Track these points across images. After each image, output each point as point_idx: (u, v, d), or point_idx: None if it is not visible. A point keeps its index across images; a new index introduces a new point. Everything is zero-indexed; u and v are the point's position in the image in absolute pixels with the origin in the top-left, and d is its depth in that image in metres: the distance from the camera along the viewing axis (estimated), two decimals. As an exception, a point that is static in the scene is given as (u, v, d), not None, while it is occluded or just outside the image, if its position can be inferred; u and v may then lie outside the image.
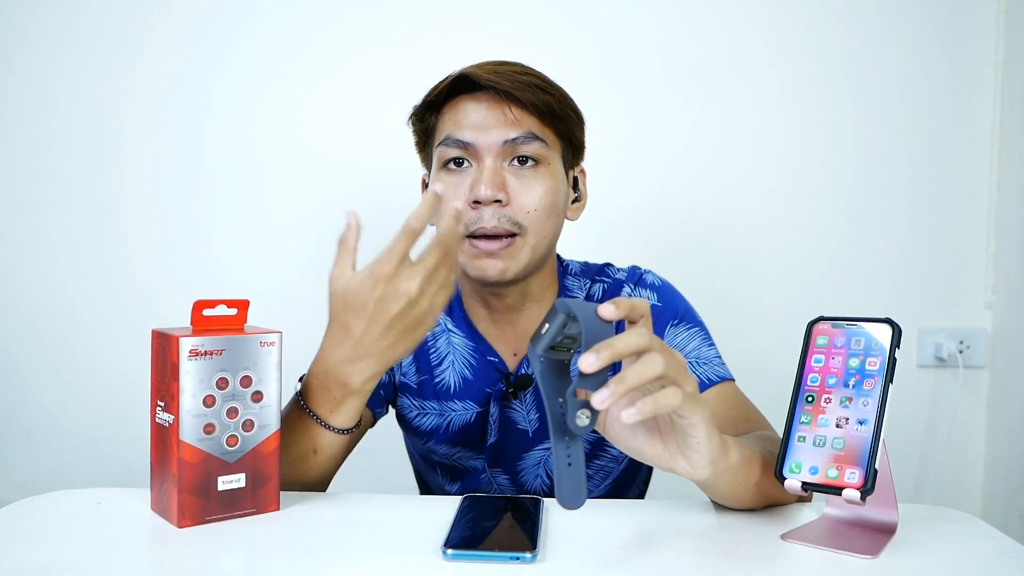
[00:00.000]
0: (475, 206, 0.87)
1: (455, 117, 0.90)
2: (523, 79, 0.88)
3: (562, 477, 0.59)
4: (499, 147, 0.88)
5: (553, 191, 0.90)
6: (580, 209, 1.00)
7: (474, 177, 0.88)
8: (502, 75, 0.88)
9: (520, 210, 0.88)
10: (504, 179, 0.88)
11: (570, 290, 1.00)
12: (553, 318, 0.59)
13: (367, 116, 1.56)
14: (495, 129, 0.88)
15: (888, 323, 0.67)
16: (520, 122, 0.88)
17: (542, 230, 0.90)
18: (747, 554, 0.65)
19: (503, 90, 0.87)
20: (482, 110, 0.89)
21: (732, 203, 1.60)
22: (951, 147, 1.59)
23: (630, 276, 1.01)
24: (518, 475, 1.00)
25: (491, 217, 0.87)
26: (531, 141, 0.88)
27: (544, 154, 0.90)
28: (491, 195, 0.86)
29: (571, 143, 0.95)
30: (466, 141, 0.88)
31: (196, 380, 0.68)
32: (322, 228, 1.59)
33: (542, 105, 0.88)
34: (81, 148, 1.57)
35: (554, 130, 0.91)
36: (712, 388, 0.91)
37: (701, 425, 0.59)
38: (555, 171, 0.91)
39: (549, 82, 0.92)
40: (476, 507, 0.74)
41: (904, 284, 1.61)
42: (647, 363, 0.56)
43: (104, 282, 1.58)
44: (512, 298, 0.95)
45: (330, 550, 0.65)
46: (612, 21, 1.57)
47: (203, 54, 1.57)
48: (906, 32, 1.58)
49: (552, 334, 0.59)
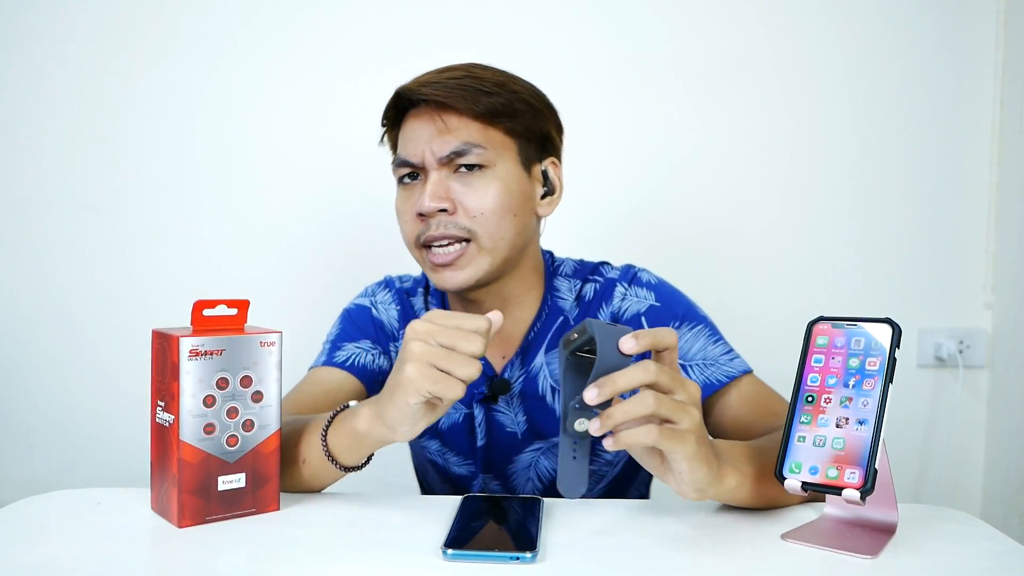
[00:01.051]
0: (422, 219, 0.89)
1: (403, 135, 0.92)
2: (458, 84, 0.87)
3: (566, 468, 0.64)
4: (438, 161, 0.88)
5: (504, 192, 0.89)
6: (554, 203, 0.97)
7: (419, 191, 0.90)
8: (438, 85, 0.87)
9: (466, 215, 0.88)
10: (448, 187, 0.88)
11: (558, 291, 0.99)
12: (583, 334, 0.63)
13: (367, 116, 1.55)
14: (433, 143, 0.88)
15: (888, 323, 0.67)
16: (457, 131, 0.87)
17: (496, 232, 0.89)
18: (747, 554, 0.65)
19: (434, 100, 0.87)
20: (421, 125, 0.89)
21: (732, 203, 1.60)
22: (951, 147, 1.59)
23: (623, 275, 0.99)
24: (509, 479, 1.00)
25: (438, 226, 0.88)
26: (469, 150, 0.88)
27: (488, 158, 0.88)
28: (432, 207, 0.87)
29: (530, 138, 0.92)
30: (410, 161, 0.90)
31: (196, 380, 0.68)
32: (322, 228, 1.60)
33: (481, 108, 0.87)
34: (79, 148, 1.57)
35: (502, 130, 0.90)
36: (731, 387, 0.90)
37: (683, 462, 0.62)
38: (505, 172, 0.89)
39: (498, 80, 0.90)
40: (476, 507, 0.74)
41: (904, 284, 1.61)
42: (637, 402, 0.60)
43: (103, 282, 1.58)
44: (490, 302, 0.95)
45: (330, 550, 0.65)
46: (614, 22, 1.57)
47: (201, 54, 1.57)
48: (906, 32, 1.58)
49: (580, 343, 0.64)
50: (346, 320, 1.03)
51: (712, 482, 0.65)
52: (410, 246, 0.93)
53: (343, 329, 1.02)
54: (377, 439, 0.71)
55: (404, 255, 0.97)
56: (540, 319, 0.97)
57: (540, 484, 1.00)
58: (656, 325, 0.95)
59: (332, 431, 0.74)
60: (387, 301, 1.04)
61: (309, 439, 0.76)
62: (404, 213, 0.92)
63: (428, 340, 0.64)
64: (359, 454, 0.74)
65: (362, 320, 1.02)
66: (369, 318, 1.03)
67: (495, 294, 0.94)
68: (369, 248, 1.57)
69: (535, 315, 0.98)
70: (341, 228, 1.59)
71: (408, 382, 0.64)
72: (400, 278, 1.07)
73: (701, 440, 0.63)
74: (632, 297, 0.97)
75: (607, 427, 0.59)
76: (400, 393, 0.65)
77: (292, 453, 0.77)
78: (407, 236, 0.93)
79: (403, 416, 0.66)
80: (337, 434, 0.73)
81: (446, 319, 0.65)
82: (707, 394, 0.91)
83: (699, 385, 0.90)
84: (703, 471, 0.63)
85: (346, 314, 1.04)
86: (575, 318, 0.98)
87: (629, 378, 0.60)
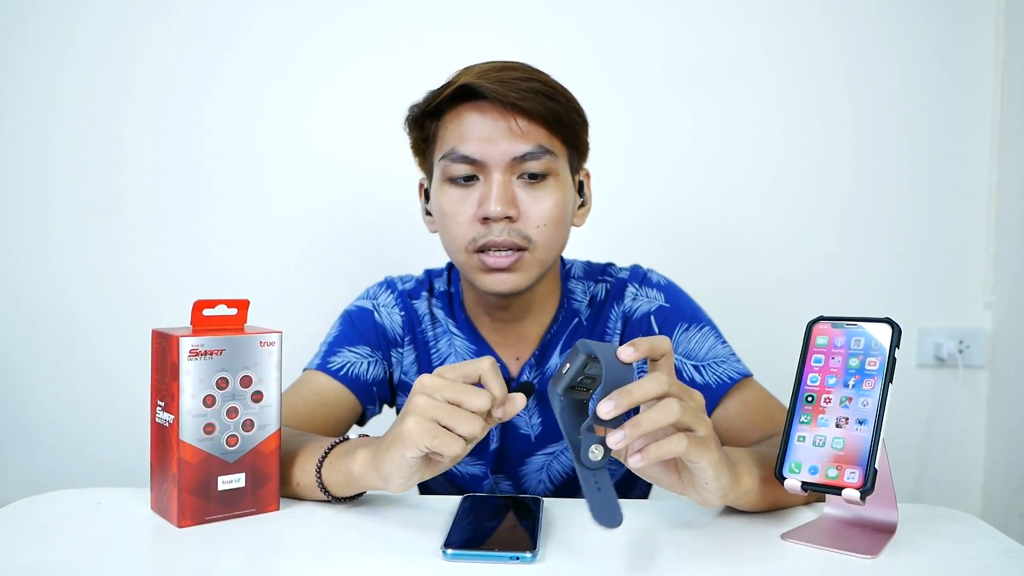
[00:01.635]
0: (484, 222, 0.85)
1: (459, 129, 0.86)
2: (527, 86, 0.84)
3: (594, 501, 0.59)
4: (508, 162, 0.85)
5: (563, 203, 0.88)
6: (585, 214, 0.98)
7: (482, 192, 0.86)
8: (507, 84, 0.83)
9: (530, 225, 0.86)
10: (514, 194, 0.85)
11: (573, 293, 0.99)
12: (574, 359, 0.60)
13: (367, 116, 1.56)
14: (503, 143, 0.84)
15: (888, 323, 0.67)
16: (528, 134, 0.85)
17: (550, 243, 0.88)
18: (747, 554, 0.65)
19: (510, 102, 0.83)
20: (487, 122, 0.84)
21: (732, 203, 1.60)
22: (951, 147, 1.59)
23: (633, 275, 1.00)
24: (520, 480, 0.99)
25: (500, 231, 0.85)
26: (541, 155, 0.85)
27: (554, 166, 0.87)
28: (502, 212, 0.84)
29: (577, 147, 0.92)
30: (473, 158, 0.85)
31: (196, 380, 0.68)
32: (322, 228, 1.60)
33: (550, 115, 0.85)
34: (81, 148, 1.57)
35: (561, 138, 0.88)
36: (733, 390, 0.90)
37: (709, 469, 0.60)
38: (564, 182, 0.89)
39: (554, 86, 0.88)
40: (476, 507, 0.74)
41: (904, 284, 1.61)
42: (663, 409, 0.57)
43: (104, 282, 1.58)
44: (517, 307, 0.95)
45: (330, 550, 0.65)
46: (615, 23, 1.57)
47: (202, 54, 1.57)
48: (906, 32, 1.58)
49: (572, 375, 0.60)
50: (346, 322, 1.01)
51: (733, 486, 0.64)
52: (459, 249, 0.88)
53: (342, 332, 1.00)
54: (369, 485, 0.69)
55: (406, 255, 0.97)
56: (557, 321, 0.98)
57: (551, 486, 1.00)
58: (665, 325, 0.95)
59: (327, 464, 0.73)
60: (390, 304, 1.02)
61: (304, 465, 0.75)
62: (459, 215, 0.87)
63: (434, 395, 0.62)
64: (351, 491, 0.73)
65: (363, 323, 1.00)
66: (371, 322, 1.00)
67: (524, 299, 0.94)
68: (369, 248, 1.57)
69: (552, 317, 0.98)
70: (341, 228, 1.59)
71: (407, 435, 0.62)
72: (401, 279, 1.05)
73: (719, 445, 0.63)
74: (643, 297, 0.97)
75: (633, 437, 0.56)
76: (398, 446, 0.63)
77: (286, 472, 0.76)
78: (460, 238, 0.87)
79: (398, 469, 0.64)
80: (332, 469, 0.72)
81: (455, 372, 0.64)
82: (721, 393, 0.90)
83: (712, 384, 0.90)
84: (726, 477, 0.63)
85: (347, 316, 1.02)
86: (588, 319, 0.98)
87: (645, 388, 0.57)
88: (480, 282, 0.88)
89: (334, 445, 0.74)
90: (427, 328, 1.01)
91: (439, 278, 1.04)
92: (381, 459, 0.65)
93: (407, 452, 0.62)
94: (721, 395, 0.90)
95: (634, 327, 0.96)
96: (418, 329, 1.01)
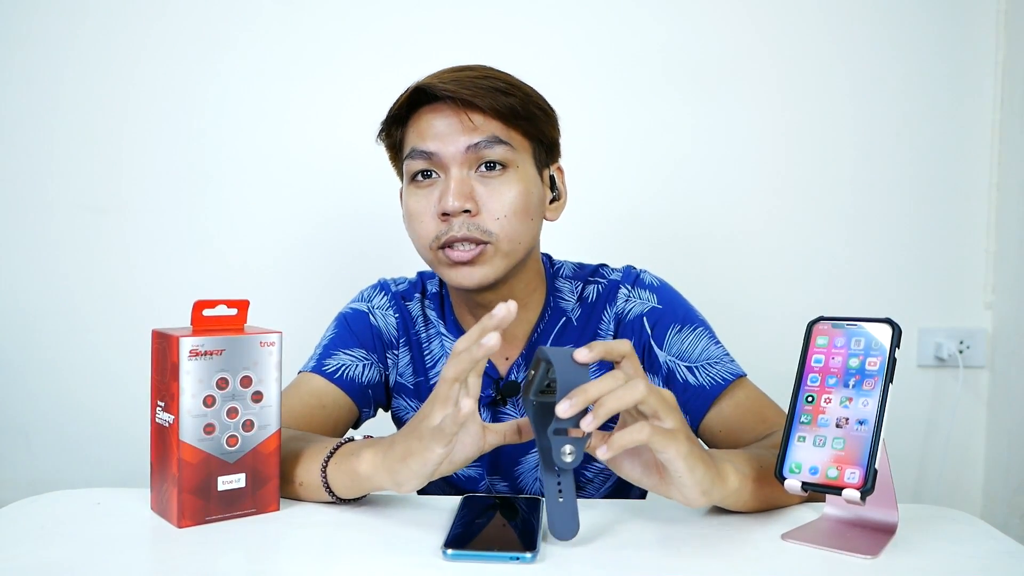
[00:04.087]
0: (444, 218, 0.87)
1: (418, 129, 0.89)
2: (482, 83, 0.86)
3: (554, 511, 0.64)
4: (463, 155, 0.87)
5: (524, 194, 0.89)
6: (560, 208, 0.98)
7: (442, 189, 0.88)
8: (460, 82, 0.86)
9: (490, 218, 0.87)
10: (472, 188, 0.87)
11: (560, 292, 0.99)
12: (537, 366, 0.63)
13: (367, 116, 1.55)
14: (457, 136, 0.87)
15: (888, 323, 0.67)
16: (481, 128, 0.87)
17: (514, 235, 0.88)
18: (747, 554, 0.65)
19: (461, 98, 0.86)
20: (443, 120, 0.87)
21: (732, 204, 1.60)
22: (951, 147, 1.59)
23: (626, 276, 0.99)
24: (516, 480, 0.99)
25: (460, 227, 0.86)
26: (495, 145, 0.87)
27: (511, 157, 0.88)
28: (459, 206, 0.85)
29: (541, 142, 0.93)
30: (429, 151, 0.88)
31: (196, 380, 0.68)
32: (322, 228, 1.60)
33: (503, 108, 0.87)
34: (81, 148, 1.57)
35: (521, 131, 0.90)
36: (726, 391, 0.90)
37: (679, 461, 0.62)
38: (525, 174, 0.90)
39: (513, 83, 0.90)
40: (476, 507, 0.74)
41: (904, 284, 1.61)
42: (628, 388, 0.59)
43: (104, 282, 1.58)
44: (497, 303, 0.95)
45: (330, 550, 0.65)
46: (611, 24, 1.57)
47: (202, 54, 1.57)
48: (906, 32, 1.58)
49: (538, 380, 0.63)
50: (342, 325, 1.01)
51: (715, 481, 0.65)
52: (424, 247, 0.90)
53: (338, 334, 1.00)
54: (377, 486, 0.70)
55: (404, 255, 0.97)
56: (544, 320, 0.98)
57: None
58: (658, 326, 0.95)
59: (332, 465, 0.73)
60: (384, 306, 1.02)
61: (308, 465, 0.75)
62: (421, 213, 0.89)
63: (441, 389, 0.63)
64: (358, 492, 0.73)
65: (358, 326, 1.00)
66: (366, 324, 1.01)
67: (502, 295, 0.94)
68: (369, 248, 1.57)
69: (539, 316, 0.98)
70: (341, 228, 1.59)
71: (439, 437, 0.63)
72: (395, 280, 1.05)
73: (691, 439, 0.63)
74: (635, 299, 0.97)
75: (601, 416, 0.58)
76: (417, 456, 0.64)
77: (288, 472, 0.76)
78: (424, 236, 0.89)
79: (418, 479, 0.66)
80: (338, 470, 0.72)
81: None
82: (715, 394, 0.90)
83: (706, 385, 0.90)
84: (701, 469, 0.63)
85: (342, 318, 1.02)
86: (578, 319, 0.98)
87: (600, 387, 0.59)
88: (447, 278, 0.90)
89: (339, 446, 0.74)
90: (420, 330, 1.01)
91: (431, 280, 1.05)
92: (396, 470, 0.66)
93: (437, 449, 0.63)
94: (715, 396, 0.90)
95: (627, 329, 0.96)
96: (412, 331, 1.01)
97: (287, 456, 0.77)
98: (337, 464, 0.72)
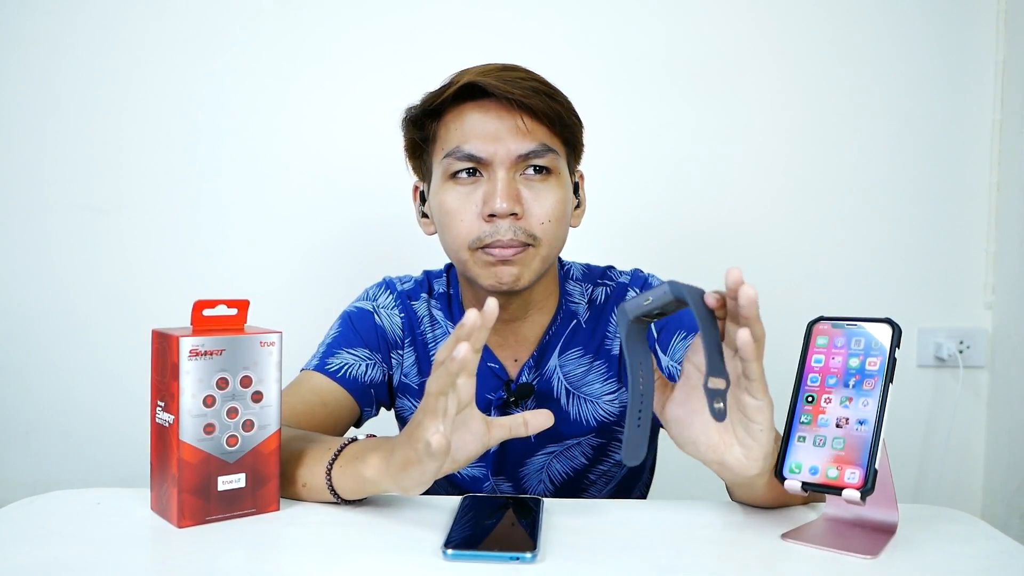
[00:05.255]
0: (490, 219, 0.85)
1: (461, 127, 0.87)
2: (530, 85, 0.85)
3: (631, 435, 0.64)
4: (512, 160, 0.85)
5: (564, 201, 0.89)
6: (581, 215, 0.98)
7: (487, 190, 0.86)
8: (511, 82, 0.84)
9: (535, 222, 0.86)
10: (518, 191, 0.86)
11: (571, 295, 0.99)
12: (659, 294, 0.60)
13: (366, 116, 1.56)
14: (508, 141, 0.85)
15: (888, 323, 0.67)
16: (532, 133, 0.86)
17: (553, 240, 0.89)
18: (747, 554, 0.65)
19: (515, 100, 0.84)
20: (492, 120, 0.85)
21: (732, 204, 1.60)
22: (951, 147, 1.59)
23: (634, 280, 1.00)
24: (521, 481, 0.99)
25: (507, 230, 0.85)
26: (545, 153, 0.86)
27: (556, 164, 0.88)
28: (507, 208, 0.84)
29: (574, 148, 0.94)
30: (479, 156, 0.86)
31: (196, 380, 0.68)
32: (322, 228, 1.60)
33: (553, 114, 0.86)
34: (81, 148, 1.57)
35: (562, 138, 0.90)
36: None
37: (767, 410, 0.61)
38: (564, 180, 0.90)
39: (554, 88, 0.89)
40: (476, 507, 0.74)
41: (904, 284, 1.61)
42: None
43: (104, 282, 1.58)
44: (515, 308, 0.95)
45: (330, 550, 0.65)
46: (615, 23, 1.57)
47: (202, 54, 1.57)
48: (906, 32, 1.58)
49: (651, 306, 0.61)
50: (346, 323, 1.01)
51: (771, 450, 0.64)
52: (461, 247, 0.88)
53: (341, 333, 1.00)
54: (383, 490, 0.70)
55: (406, 255, 0.97)
56: (555, 322, 0.98)
57: (551, 486, 0.99)
58: (664, 331, 0.95)
59: (338, 467, 0.72)
60: (389, 305, 1.01)
61: (313, 467, 0.75)
62: (463, 212, 0.86)
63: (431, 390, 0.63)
64: (362, 495, 0.73)
65: (363, 325, 1.00)
66: (371, 323, 1.00)
67: (523, 299, 0.94)
68: (369, 248, 1.57)
69: (551, 319, 0.98)
70: (341, 228, 1.59)
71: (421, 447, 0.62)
72: (400, 280, 1.04)
73: None
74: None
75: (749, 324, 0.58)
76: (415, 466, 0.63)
77: (291, 473, 0.76)
78: (462, 236, 0.87)
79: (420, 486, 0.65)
80: (343, 473, 0.72)
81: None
82: None
83: None
84: (774, 432, 0.63)
85: (346, 317, 1.02)
86: (587, 321, 0.98)
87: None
88: (484, 275, 0.88)
89: (343, 447, 0.73)
90: (427, 329, 1.01)
91: (438, 279, 1.04)
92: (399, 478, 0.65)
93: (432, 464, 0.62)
94: None
95: None
96: (418, 331, 1.01)
97: (289, 456, 0.77)
98: (342, 467, 0.72)
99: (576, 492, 1.00)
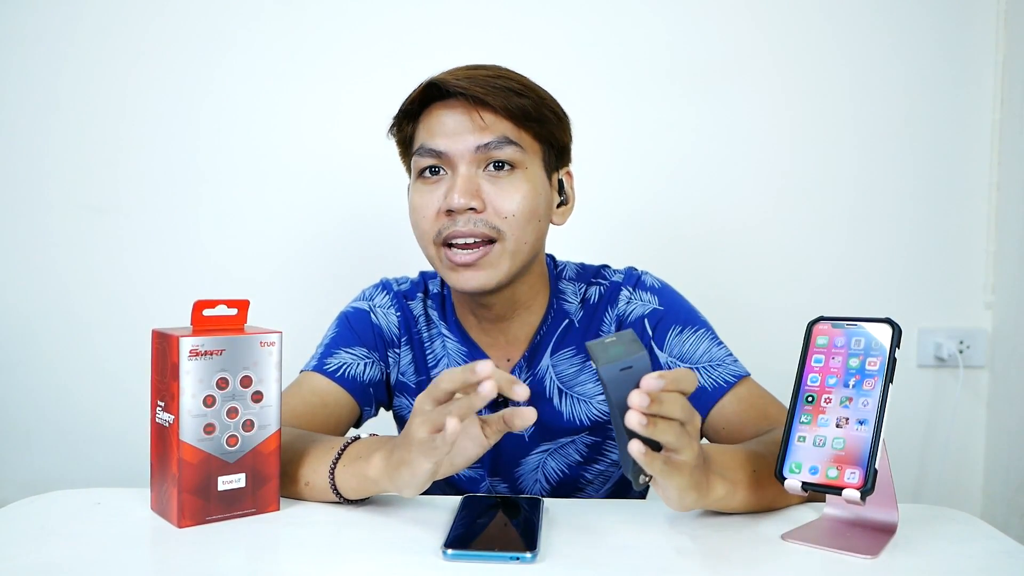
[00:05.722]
0: (449, 215, 0.87)
1: (428, 125, 0.89)
2: (496, 83, 0.86)
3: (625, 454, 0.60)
4: (472, 153, 0.87)
5: (532, 195, 0.88)
6: (567, 212, 0.98)
7: (448, 185, 0.87)
8: (473, 80, 0.86)
9: (497, 216, 0.87)
10: (479, 186, 0.87)
11: (563, 294, 0.99)
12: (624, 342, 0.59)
13: (366, 116, 1.55)
14: (467, 135, 0.86)
15: (888, 323, 0.67)
16: (492, 127, 0.87)
17: (521, 235, 0.88)
18: (747, 554, 0.65)
19: (472, 96, 0.85)
20: (453, 117, 0.87)
21: (732, 203, 1.60)
22: (951, 147, 1.59)
23: (627, 278, 0.99)
24: (517, 481, 1.00)
25: (465, 223, 0.86)
26: (504, 145, 0.87)
27: (520, 158, 0.88)
28: (463, 203, 0.85)
29: (552, 146, 0.93)
30: (439, 150, 0.87)
31: (196, 380, 0.68)
32: (322, 228, 1.60)
33: (515, 109, 0.87)
34: (81, 149, 1.57)
35: (531, 133, 0.90)
36: (729, 391, 0.90)
37: (672, 490, 0.62)
38: (533, 175, 0.90)
39: (527, 84, 0.90)
40: (476, 507, 0.74)
41: (904, 284, 1.61)
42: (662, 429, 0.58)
43: (104, 282, 1.58)
44: (500, 307, 0.94)
45: (330, 550, 0.65)
46: (614, 23, 1.57)
47: (202, 55, 1.57)
48: (906, 32, 1.58)
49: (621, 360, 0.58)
50: (343, 324, 1.01)
51: (698, 499, 0.65)
52: (426, 243, 0.90)
53: (339, 333, 1.00)
54: (384, 489, 0.71)
55: (405, 255, 0.97)
56: (547, 322, 0.98)
57: (548, 485, 1.00)
58: (659, 328, 0.95)
59: (341, 467, 0.73)
60: (386, 305, 1.02)
61: (315, 465, 0.75)
62: (425, 208, 0.89)
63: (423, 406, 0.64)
64: (365, 494, 0.74)
65: (360, 325, 1.01)
66: (367, 323, 1.01)
67: (506, 298, 0.94)
68: (369, 248, 1.57)
69: (542, 318, 0.98)
70: (341, 228, 1.59)
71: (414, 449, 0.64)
72: (397, 280, 1.05)
73: (695, 469, 0.63)
74: (636, 301, 0.97)
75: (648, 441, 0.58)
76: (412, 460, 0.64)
77: (294, 472, 0.76)
78: (425, 232, 0.89)
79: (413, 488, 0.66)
80: (346, 472, 0.72)
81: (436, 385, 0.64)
82: (717, 396, 0.90)
83: (708, 387, 0.90)
84: (691, 497, 0.64)
85: (343, 317, 1.02)
86: (580, 320, 0.98)
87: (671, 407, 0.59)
88: (450, 279, 0.90)
89: (347, 446, 0.74)
90: (422, 329, 1.01)
91: (433, 279, 1.05)
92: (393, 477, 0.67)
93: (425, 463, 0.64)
94: (717, 398, 0.90)
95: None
96: (414, 330, 1.01)
97: (291, 456, 0.77)
98: (346, 466, 0.72)
99: (573, 492, 1.00)
